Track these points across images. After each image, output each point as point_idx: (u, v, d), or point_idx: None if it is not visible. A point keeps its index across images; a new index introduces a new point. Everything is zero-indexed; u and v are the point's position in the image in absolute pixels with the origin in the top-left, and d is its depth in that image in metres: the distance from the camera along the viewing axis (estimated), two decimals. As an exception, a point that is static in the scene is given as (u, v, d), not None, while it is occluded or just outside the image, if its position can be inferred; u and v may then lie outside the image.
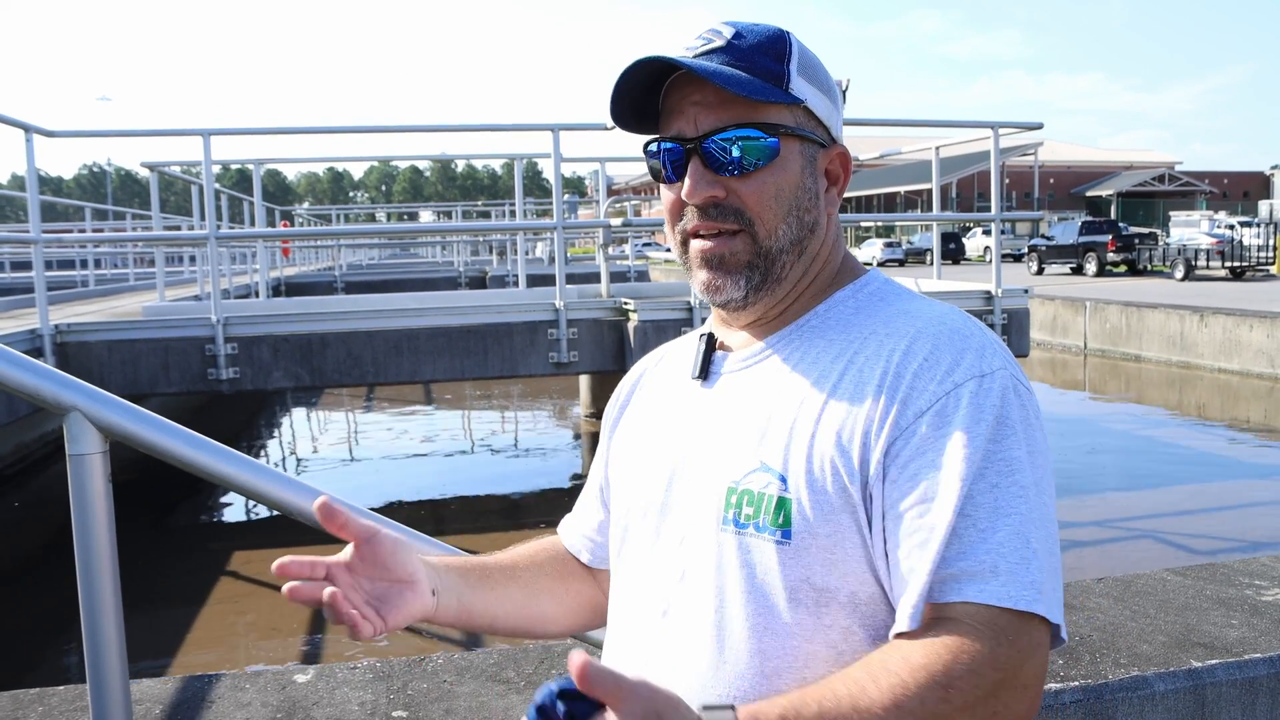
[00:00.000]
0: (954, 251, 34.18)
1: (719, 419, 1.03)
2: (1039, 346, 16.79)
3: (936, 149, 7.68)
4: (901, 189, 56.24)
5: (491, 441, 11.69)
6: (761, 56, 0.99)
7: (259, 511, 8.10)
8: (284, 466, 10.22)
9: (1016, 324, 6.76)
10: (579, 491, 1.27)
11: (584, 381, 11.74)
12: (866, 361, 0.96)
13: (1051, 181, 63.05)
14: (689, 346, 1.13)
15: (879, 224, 46.17)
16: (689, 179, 1.01)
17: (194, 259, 15.40)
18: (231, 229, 13.44)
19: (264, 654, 5.35)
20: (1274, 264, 23.62)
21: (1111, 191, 59.22)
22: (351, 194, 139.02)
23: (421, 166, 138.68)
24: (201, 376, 5.85)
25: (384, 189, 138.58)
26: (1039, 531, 0.88)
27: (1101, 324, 16.30)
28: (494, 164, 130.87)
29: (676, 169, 1.02)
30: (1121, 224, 30.52)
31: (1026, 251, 30.15)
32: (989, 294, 6.64)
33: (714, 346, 1.09)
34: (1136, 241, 26.65)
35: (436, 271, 19.74)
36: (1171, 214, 38.22)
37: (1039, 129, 7.57)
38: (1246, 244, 23.89)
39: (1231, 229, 27.14)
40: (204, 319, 5.88)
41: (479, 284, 17.13)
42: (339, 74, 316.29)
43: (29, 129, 5.57)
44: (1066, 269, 27.26)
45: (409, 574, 1.03)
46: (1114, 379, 14.92)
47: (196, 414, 10.12)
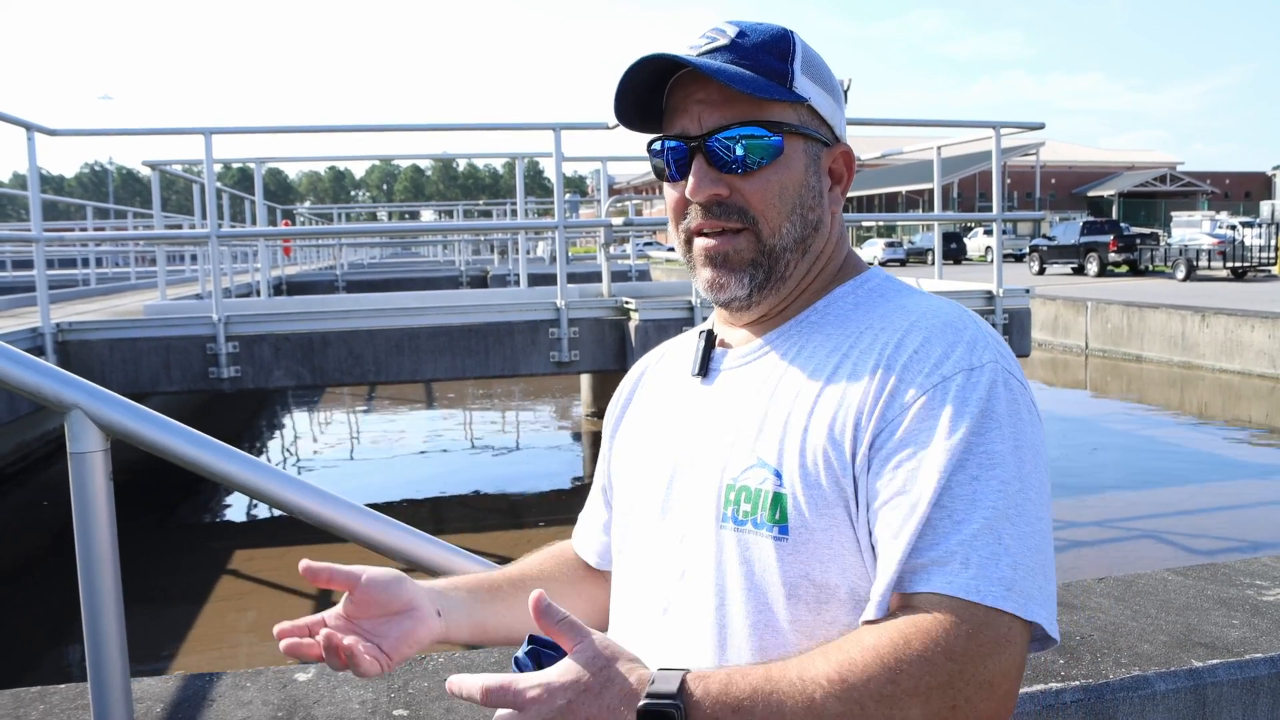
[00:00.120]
0: (955, 251, 34.19)
1: (718, 416, 1.02)
2: (1040, 347, 16.78)
3: (938, 149, 7.68)
4: (903, 189, 56.23)
5: (492, 441, 11.70)
6: (765, 55, 0.99)
7: (260, 510, 8.11)
8: (285, 465, 10.23)
9: (1018, 324, 6.76)
10: (579, 491, 1.28)
11: (585, 380, 11.75)
12: (861, 355, 0.96)
13: (1053, 181, 63.03)
14: (689, 344, 1.13)
15: (880, 224, 46.10)
16: (693, 177, 1.00)
17: (195, 258, 15.44)
18: (233, 228, 13.46)
19: (265, 652, 5.35)
20: (1275, 264, 23.59)
21: (1113, 192, 59.19)
22: (353, 193, 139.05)
23: (423, 165, 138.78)
24: (203, 375, 5.86)
25: (385, 188, 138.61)
26: (1016, 527, 0.86)
27: (1103, 324, 16.29)
28: (495, 163, 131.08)
29: (680, 167, 1.02)
30: (1123, 224, 30.53)
31: (1028, 251, 30.14)
32: (990, 294, 6.64)
33: (713, 343, 1.09)
34: (1138, 242, 26.65)
35: (438, 271, 19.73)
36: (1173, 214, 38.17)
37: (1040, 129, 7.57)
38: (1248, 244, 23.89)
39: (1233, 229, 27.13)
40: (205, 318, 5.89)
41: (480, 283, 17.13)
42: (339, 74, 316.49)
43: (31, 127, 5.57)
44: (1068, 269, 27.26)
45: (406, 604, 1.05)
46: (1115, 379, 14.91)
47: (198, 414, 10.13)
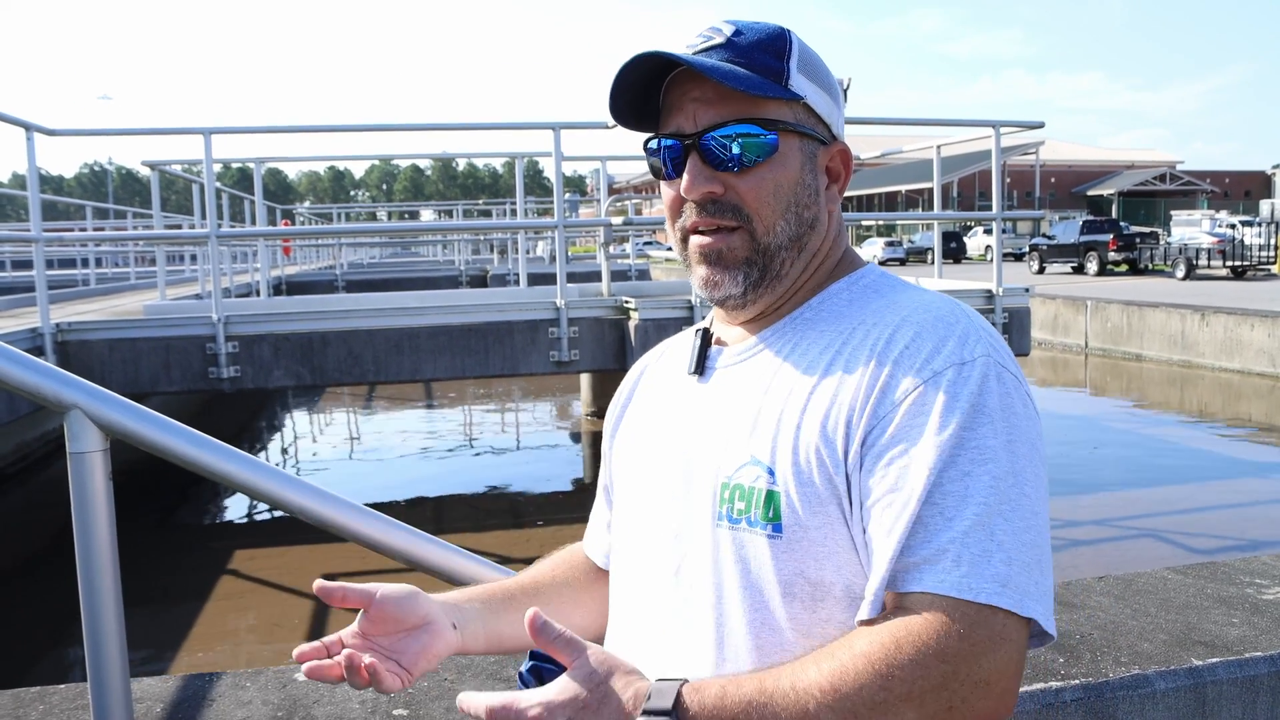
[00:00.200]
0: (955, 250, 34.19)
1: (713, 414, 1.02)
2: (1040, 346, 16.78)
3: (938, 148, 7.68)
4: (903, 188, 56.22)
5: (492, 441, 11.70)
6: (761, 53, 0.99)
7: (260, 510, 8.11)
8: (285, 466, 10.23)
9: (1017, 323, 6.76)
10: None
11: (585, 380, 11.75)
12: (853, 351, 0.95)
13: (1053, 181, 63.02)
14: (687, 342, 1.13)
15: (880, 223, 46.10)
16: (687, 175, 1.00)
17: (195, 258, 15.44)
18: (232, 228, 13.45)
19: (265, 652, 5.35)
20: (1275, 263, 23.60)
21: (1113, 191, 59.19)
22: (352, 193, 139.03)
23: (422, 165, 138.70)
24: (202, 375, 5.86)
25: (385, 188, 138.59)
26: (1010, 522, 0.85)
27: (1103, 323, 16.29)
28: (495, 163, 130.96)
29: (676, 165, 1.02)
30: (1123, 223, 30.54)
31: (1028, 250, 30.15)
32: (990, 293, 6.64)
33: (709, 341, 1.09)
34: (1138, 241, 26.66)
35: (437, 270, 19.73)
36: (1173, 213, 38.15)
37: (1040, 128, 7.57)
38: (1248, 243, 23.90)
39: (1233, 228, 27.13)
40: (205, 318, 5.89)
41: (480, 283, 17.13)
42: (339, 73, 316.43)
43: (30, 128, 5.57)
44: (1068, 268, 27.26)
45: (421, 618, 1.06)
46: (1115, 378, 14.91)
47: (199, 414, 10.13)
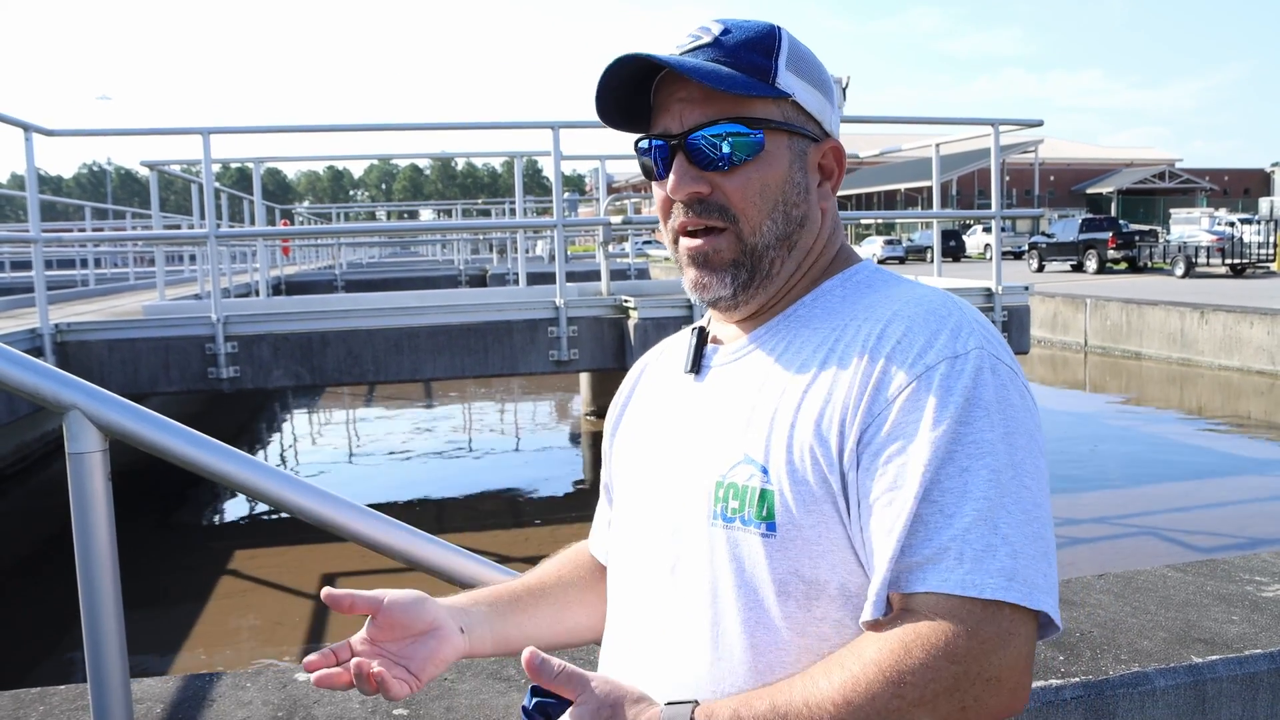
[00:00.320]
0: (954, 249, 34.20)
1: (708, 412, 1.02)
2: (1039, 344, 16.79)
3: (937, 146, 7.67)
4: (902, 186, 56.24)
5: (492, 440, 11.70)
6: (748, 52, 0.99)
7: (260, 510, 8.10)
8: (284, 466, 10.23)
9: (1017, 321, 6.76)
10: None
11: (584, 379, 11.74)
12: (846, 348, 0.95)
13: (1052, 179, 63.03)
14: (685, 341, 1.13)
15: (879, 221, 46.10)
16: (673, 175, 1.00)
17: (194, 258, 15.42)
18: (231, 228, 13.45)
19: (266, 652, 5.35)
20: (1274, 261, 23.61)
21: (1112, 189, 59.21)
22: (351, 192, 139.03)
23: (421, 165, 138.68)
24: (202, 375, 5.86)
25: (384, 187, 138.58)
26: (1013, 515, 0.85)
27: (1102, 321, 16.29)
28: (494, 162, 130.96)
29: (665, 166, 1.02)
30: (1122, 221, 30.53)
31: (1027, 249, 30.16)
32: (990, 291, 6.64)
33: (705, 340, 1.09)
34: (1137, 239, 26.67)
35: (437, 270, 19.73)
36: (1172, 211, 38.14)
37: (1039, 126, 7.55)
38: (1247, 241, 23.91)
39: (1232, 226, 27.15)
40: (204, 318, 5.89)
41: (479, 282, 17.13)
42: (339, 73, 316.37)
43: (28, 128, 5.56)
44: (1067, 266, 27.27)
45: (429, 624, 1.07)
46: (1114, 376, 14.92)
47: (198, 414, 10.13)
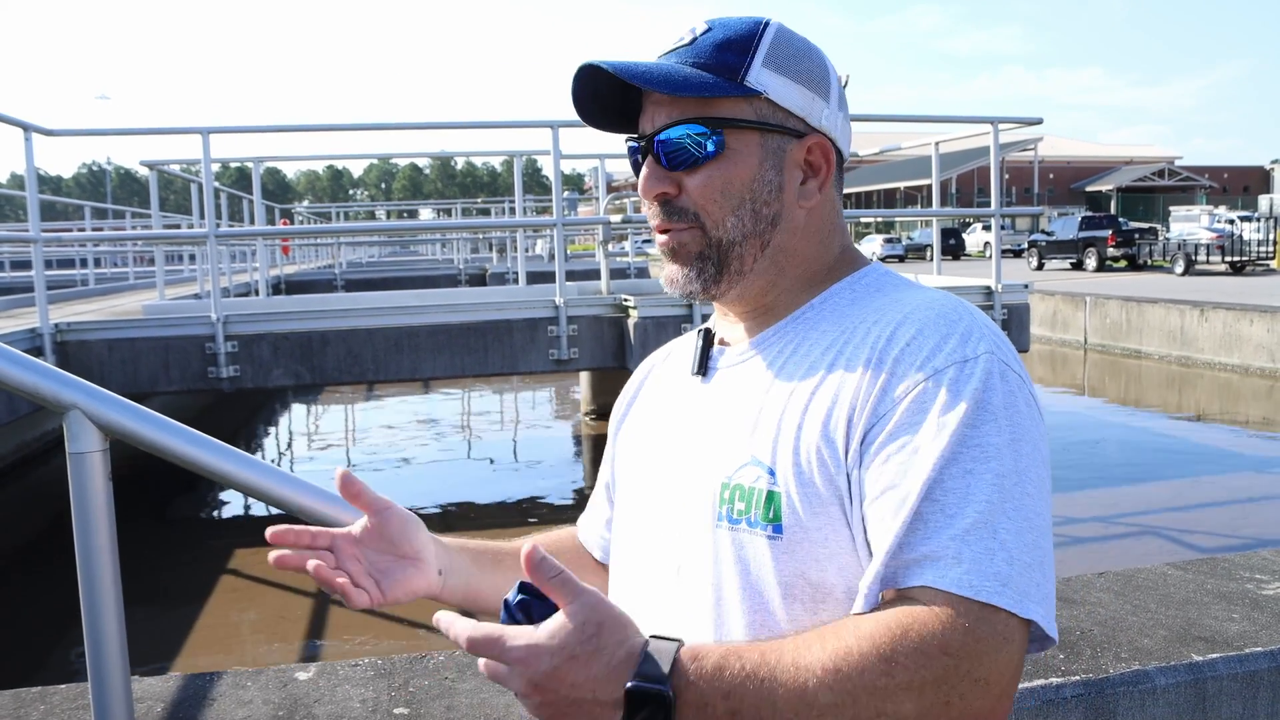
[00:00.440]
0: (954, 247, 34.22)
1: (714, 414, 1.02)
2: (1039, 342, 16.79)
3: (936, 144, 7.67)
4: (901, 185, 56.23)
5: (492, 440, 11.70)
6: (721, 51, 0.98)
7: (260, 509, 8.10)
8: (282, 465, 10.23)
9: (1017, 319, 6.76)
10: (579, 492, 1.28)
11: (584, 379, 11.74)
12: (854, 350, 0.95)
13: (1051, 177, 63.03)
14: (692, 343, 1.13)
15: (879, 220, 46.10)
16: (642, 176, 1.02)
17: (194, 257, 15.41)
18: (231, 227, 13.44)
19: (266, 651, 5.35)
20: (1274, 258, 23.61)
21: (1111, 186, 59.21)
22: (351, 192, 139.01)
23: (421, 164, 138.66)
24: (202, 375, 5.85)
25: (383, 186, 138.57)
26: (1013, 522, 0.84)
27: (1102, 319, 16.29)
28: (493, 161, 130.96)
29: (638, 167, 1.04)
30: (1121, 219, 30.53)
31: (1027, 247, 30.18)
32: (989, 289, 6.64)
33: (712, 342, 1.09)
34: (1136, 236, 26.69)
35: (436, 269, 19.72)
36: (1171, 209, 38.09)
37: (1039, 124, 7.52)
38: (1246, 239, 23.95)
39: (1231, 224, 27.15)
40: (204, 317, 5.88)
41: (479, 281, 17.12)
42: (339, 73, 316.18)
43: (28, 128, 5.56)
44: (1066, 264, 27.28)
45: (415, 551, 1.07)
46: (1114, 374, 14.92)
47: (199, 415, 10.13)
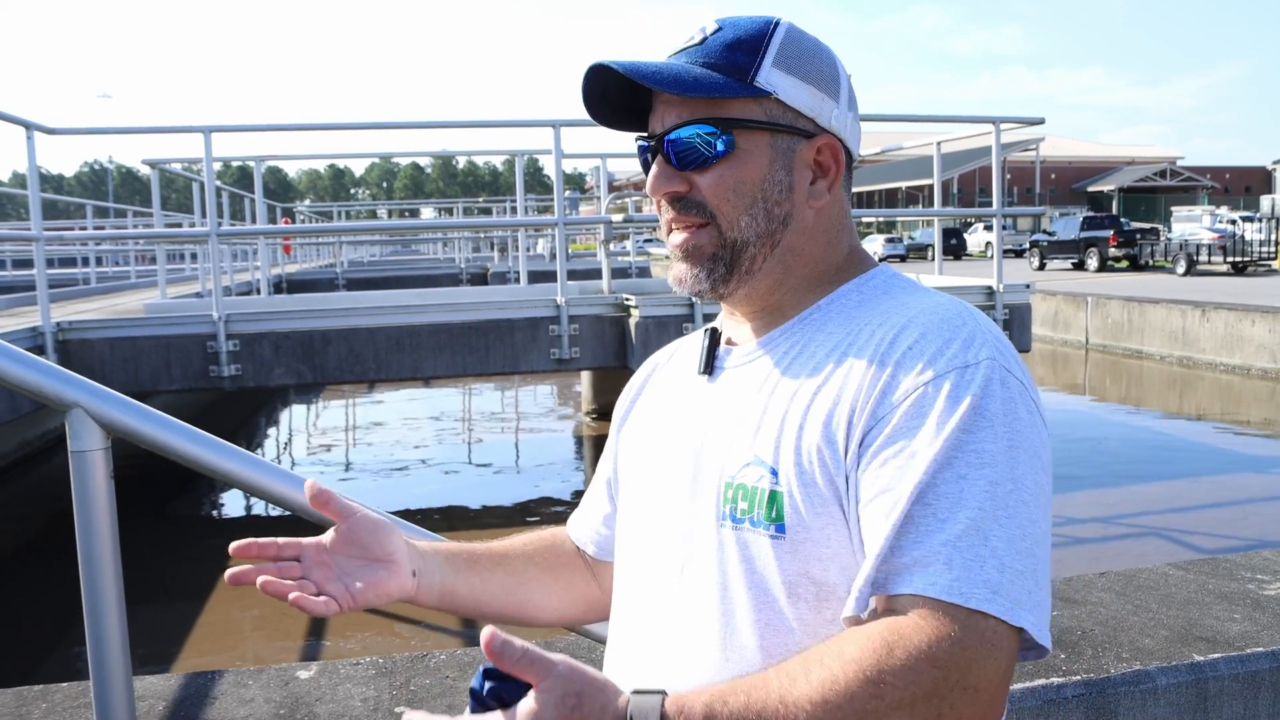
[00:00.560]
0: (955, 247, 34.22)
1: (720, 413, 1.02)
2: (1041, 342, 16.78)
3: (938, 144, 7.67)
4: (903, 184, 56.21)
5: (492, 440, 11.70)
6: (731, 51, 0.99)
7: (261, 508, 8.11)
8: (283, 463, 10.23)
9: (1018, 319, 6.75)
10: (578, 490, 1.27)
11: (585, 378, 11.74)
12: (858, 352, 0.95)
13: (1053, 177, 62.99)
14: (698, 342, 1.13)
15: (880, 219, 46.09)
16: (651, 175, 1.03)
17: (195, 256, 15.45)
18: (233, 226, 13.45)
19: (267, 650, 5.35)
20: (1276, 259, 23.59)
21: (1113, 187, 59.16)
22: (352, 191, 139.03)
23: (422, 163, 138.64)
24: (203, 373, 5.86)
25: (385, 186, 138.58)
26: (1005, 530, 0.83)
27: (1103, 319, 16.28)
28: (495, 160, 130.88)
29: (648, 165, 1.05)
30: (1123, 219, 30.53)
31: (1028, 247, 30.16)
32: (991, 289, 6.63)
33: (718, 341, 1.09)
34: (1138, 237, 26.67)
35: (438, 268, 19.73)
36: (1173, 209, 38.09)
37: (1040, 124, 7.51)
38: (1248, 239, 23.93)
39: (1233, 224, 27.14)
40: (206, 316, 5.89)
41: (480, 280, 17.13)
42: (339, 72, 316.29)
43: (30, 126, 5.57)
44: (1068, 264, 27.27)
45: (387, 554, 1.07)
46: (1116, 374, 14.91)
47: (200, 413, 10.13)
